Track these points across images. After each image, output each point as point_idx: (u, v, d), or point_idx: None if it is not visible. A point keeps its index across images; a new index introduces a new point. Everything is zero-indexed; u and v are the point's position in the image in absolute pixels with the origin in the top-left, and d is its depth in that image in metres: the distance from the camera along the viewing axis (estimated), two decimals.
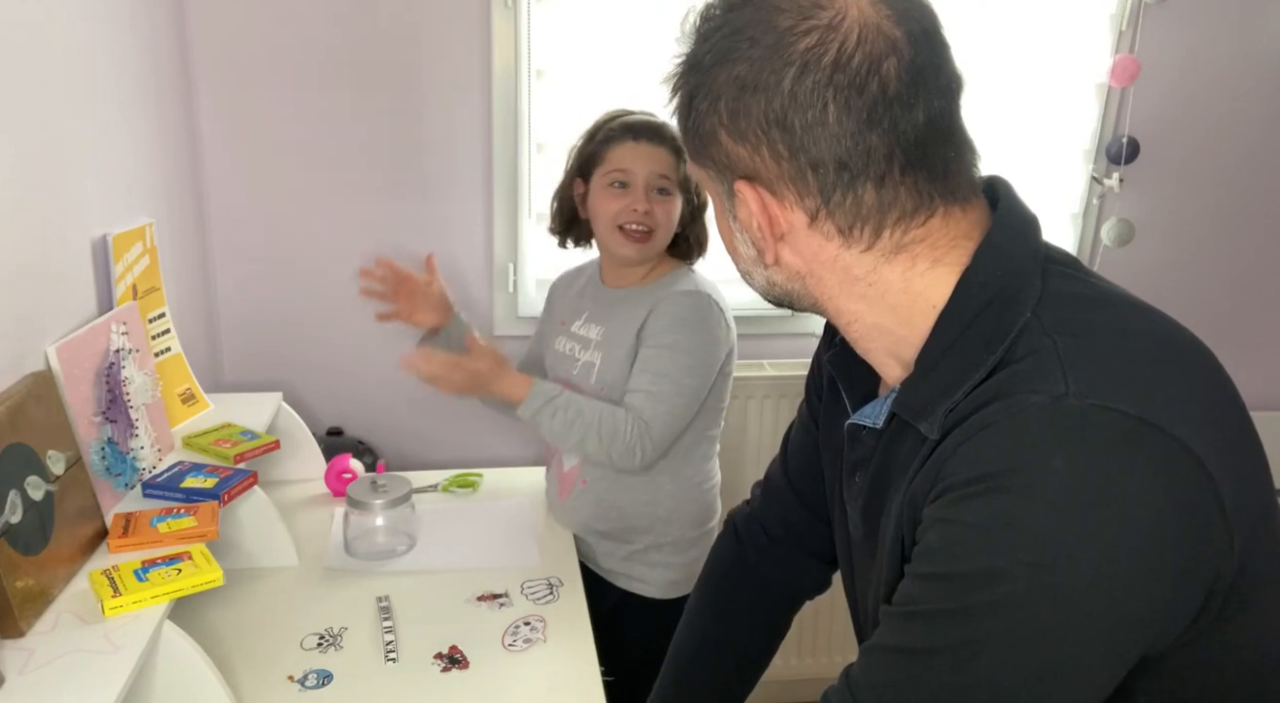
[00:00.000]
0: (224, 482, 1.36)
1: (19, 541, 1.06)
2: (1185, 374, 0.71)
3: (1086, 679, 0.66)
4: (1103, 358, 0.68)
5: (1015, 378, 0.68)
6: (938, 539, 0.68)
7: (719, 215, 0.81)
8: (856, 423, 0.84)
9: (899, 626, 0.71)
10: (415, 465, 2.02)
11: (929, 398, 0.72)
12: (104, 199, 1.47)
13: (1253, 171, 2.20)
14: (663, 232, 1.50)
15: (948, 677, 0.67)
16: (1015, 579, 0.63)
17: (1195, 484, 0.64)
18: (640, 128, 1.50)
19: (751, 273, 0.82)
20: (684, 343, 1.47)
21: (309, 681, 1.23)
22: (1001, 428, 0.66)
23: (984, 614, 0.65)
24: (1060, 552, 0.63)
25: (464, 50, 1.93)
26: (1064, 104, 2.09)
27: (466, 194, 2.01)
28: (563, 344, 1.63)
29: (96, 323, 1.35)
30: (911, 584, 0.70)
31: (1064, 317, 0.71)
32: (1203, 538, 0.64)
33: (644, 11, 1.91)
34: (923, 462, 0.73)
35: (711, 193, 0.80)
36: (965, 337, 0.72)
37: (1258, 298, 2.28)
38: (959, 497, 0.67)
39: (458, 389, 1.47)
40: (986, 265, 0.73)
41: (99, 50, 1.48)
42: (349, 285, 2.03)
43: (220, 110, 1.90)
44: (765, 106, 0.70)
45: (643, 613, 1.56)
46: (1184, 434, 0.64)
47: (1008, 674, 0.65)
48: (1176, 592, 0.65)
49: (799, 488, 1.08)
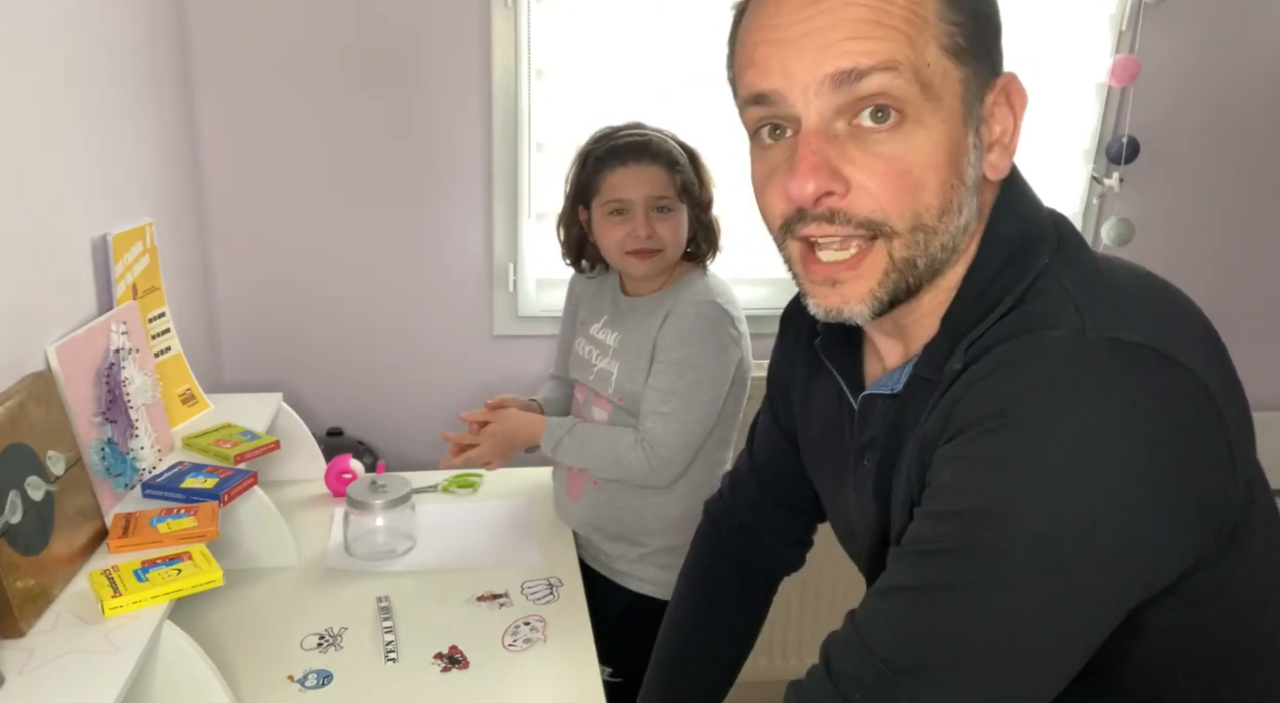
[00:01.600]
0: (224, 482, 1.36)
1: (19, 541, 1.06)
2: (1185, 316, 0.72)
3: (1099, 610, 0.66)
4: (1112, 295, 0.69)
5: (1030, 316, 0.68)
6: (951, 476, 0.67)
7: (952, 131, 0.69)
8: (873, 394, 0.82)
9: (908, 565, 0.69)
10: (415, 465, 2.01)
11: (949, 347, 0.72)
12: (104, 199, 1.47)
13: (1253, 171, 2.20)
14: (672, 247, 1.50)
15: (960, 613, 0.66)
16: (1031, 514, 0.63)
17: (1208, 418, 0.64)
18: (627, 151, 1.48)
19: (962, 206, 0.71)
20: (692, 357, 1.46)
21: (309, 681, 1.23)
22: (1019, 364, 0.66)
23: (999, 550, 0.64)
24: (1078, 485, 0.62)
25: (464, 50, 1.93)
26: (1064, 104, 2.09)
27: (466, 194, 2.01)
28: (581, 347, 1.64)
29: (96, 323, 1.35)
30: (922, 523, 0.69)
31: (1072, 263, 0.71)
32: (1214, 470, 0.65)
33: (644, 11, 1.91)
34: (932, 407, 0.72)
35: (951, 98, 0.69)
36: (988, 292, 0.72)
37: (1258, 298, 2.28)
38: (975, 434, 0.66)
39: (500, 455, 1.56)
40: (1005, 221, 0.74)
41: (99, 50, 1.48)
42: (349, 285, 2.04)
43: (220, 110, 1.90)
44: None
45: (654, 615, 1.55)
46: (1195, 366, 0.64)
47: (1022, 608, 0.65)
48: (1190, 522, 0.65)
49: (764, 478, 1.10)
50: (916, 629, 0.68)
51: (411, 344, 2.09)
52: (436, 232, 2.03)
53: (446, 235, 2.03)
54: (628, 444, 1.47)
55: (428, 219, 2.02)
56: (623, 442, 1.48)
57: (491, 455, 1.56)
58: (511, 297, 2.07)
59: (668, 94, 1.93)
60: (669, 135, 1.52)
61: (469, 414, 1.60)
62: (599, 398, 1.58)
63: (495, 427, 1.56)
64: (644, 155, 1.48)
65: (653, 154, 1.48)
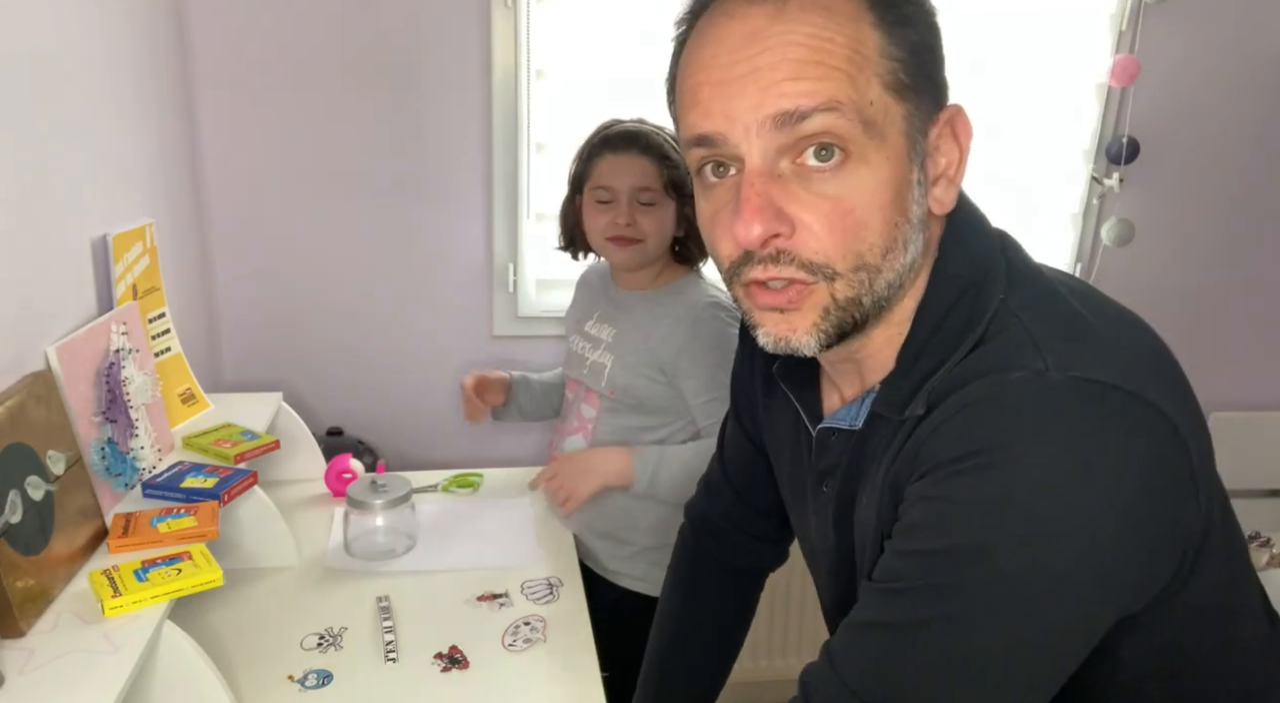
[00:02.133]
0: (224, 482, 1.36)
1: (19, 541, 1.06)
2: (1139, 340, 0.72)
3: (1072, 643, 0.67)
4: (1070, 331, 0.69)
5: (992, 356, 0.69)
6: (923, 516, 0.68)
7: (895, 170, 0.68)
8: (827, 428, 0.83)
9: (883, 601, 0.70)
10: (415, 465, 2.02)
11: (911, 388, 0.72)
12: (104, 199, 1.47)
13: (1253, 171, 2.20)
14: (652, 239, 1.51)
15: (935, 650, 0.67)
16: (1006, 553, 0.64)
17: (1173, 449, 0.65)
18: (616, 140, 1.51)
19: (904, 247, 0.70)
20: (714, 340, 1.49)
21: (309, 681, 1.23)
22: (986, 405, 0.66)
23: (975, 589, 0.65)
24: (1050, 525, 0.63)
25: (464, 50, 1.93)
26: (1064, 104, 2.09)
27: (466, 194, 2.01)
28: (576, 342, 1.65)
29: (96, 323, 1.35)
30: (896, 560, 0.70)
31: (1028, 297, 0.72)
32: (1180, 500, 0.66)
33: (644, 12, 1.91)
34: (900, 446, 0.72)
35: (895, 135, 0.68)
36: (941, 329, 0.72)
37: (1258, 298, 2.28)
38: (946, 474, 0.66)
39: (586, 489, 1.50)
40: (954, 257, 0.73)
41: (99, 50, 1.48)
42: (349, 285, 2.04)
43: (220, 110, 1.90)
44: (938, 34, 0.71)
45: (641, 610, 1.56)
46: (1157, 399, 0.65)
47: (997, 645, 0.66)
48: (1158, 554, 0.67)
49: (737, 485, 1.11)
50: (892, 665, 0.69)
51: (411, 344, 2.09)
52: (436, 232, 2.03)
53: (446, 235, 2.03)
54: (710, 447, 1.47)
55: (428, 219, 2.02)
56: (705, 449, 1.43)
57: (572, 487, 1.48)
58: (511, 297, 2.07)
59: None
60: (669, 134, 1.53)
61: (535, 481, 1.57)
62: (589, 394, 1.59)
63: (558, 466, 1.51)
64: (633, 145, 1.50)
65: (642, 145, 1.50)
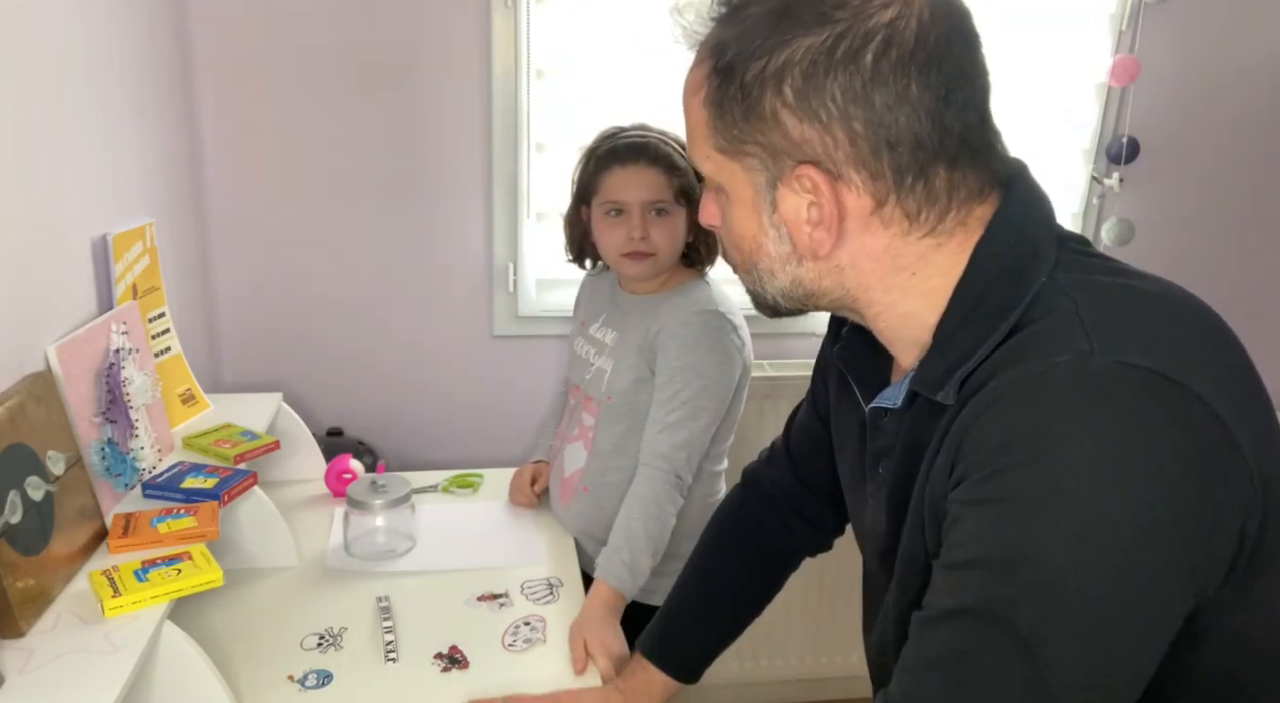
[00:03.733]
0: (224, 482, 1.36)
1: (19, 541, 1.06)
2: (1201, 335, 0.70)
3: (1144, 642, 0.65)
4: (1121, 316, 0.68)
5: (1035, 339, 0.67)
6: (974, 523, 0.66)
7: (744, 213, 0.76)
8: (878, 406, 0.83)
9: (932, 633, 0.67)
10: (415, 465, 2.01)
11: (946, 369, 0.71)
12: (104, 199, 1.47)
13: (1253, 171, 2.20)
14: (666, 251, 1.50)
15: (999, 679, 0.63)
16: (1061, 552, 0.62)
17: (1220, 438, 0.64)
18: (626, 152, 1.48)
19: (774, 273, 0.78)
20: (697, 365, 1.46)
21: (309, 681, 1.23)
22: (1026, 392, 0.65)
23: (1033, 595, 0.62)
24: (1101, 516, 0.61)
25: (464, 50, 1.93)
26: (1064, 104, 2.09)
27: (466, 194, 2.01)
28: (580, 347, 1.64)
29: (96, 323, 1.35)
30: (946, 577, 0.68)
31: (1080, 279, 0.70)
32: (1229, 481, 0.64)
33: (644, 11, 1.91)
34: (942, 435, 0.71)
35: (739, 186, 0.75)
36: (980, 306, 0.71)
37: (1258, 298, 2.28)
38: (986, 474, 0.65)
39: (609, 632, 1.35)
40: (999, 236, 0.73)
41: (99, 50, 1.48)
42: (349, 285, 2.04)
43: (220, 110, 1.90)
44: (845, 83, 0.67)
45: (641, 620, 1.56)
46: (1204, 389, 0.64)
47: (1065, 657, 0.62)
48: (1213, 536, 0.64)
49: (797, 463, 1.12)
50: (965, 695, 0.65)
51: (412, 344, 2.09)
52: (436, 231, 2.03)
53: (446, 235, 2.03)
54: (654, 498, 1.44)
55: (428, 219, 2.02)
56: (650, 504, 1.44)
57: (601, 643, 1.32)
58: (511, 297, 2.07)
59: (668, 95, 1.92)
60: (672, 137, 1.52)
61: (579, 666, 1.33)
62: (589, 401, 1.58)
63: (575, 635, 1.35)
64: (642, 157, 1.48)
65: (651, 156, 1.47)
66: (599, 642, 1.30)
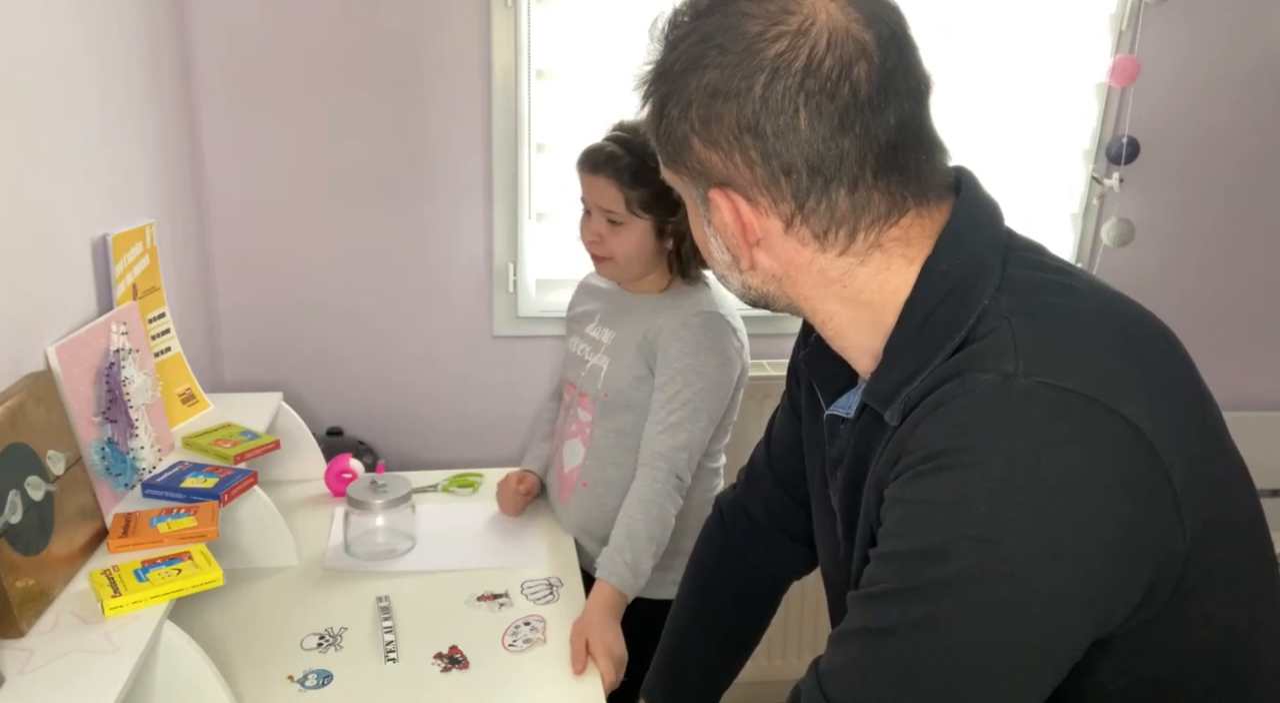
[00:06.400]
0: (224, 482, 1.36)
1: (19, 541, 1.06)
2: (1138, 355, 0.72)
3: (1040, 657, 0.68)
4: (1055, 337, 0.70)
5: (970, 357, 0.70)
6: (894, 519, 0.70)
7: (694, 221, 0.81)
8: (834, 415, 0.86)
9: (859, 609, 0.72)
10: (415, 465, 2.02)
11: (894, 384, 0.74)
12: (104, 199, 1.47)
13: (1253, 171, 2.20)
14: (623, 257, 1.49)
15: (905, 656, 0.68)
16: (965, 555, 0.65)
17: (1143, 463, 0.65)
18: (584, 158, 1.48)
19: (727, 277, 0.83)
20: (698, 366, 1.47)
21: (309, 681, 1.23)
22: (953, 406, 0.68)
23: (936, 592, 0.66)
24: (1008, 528, 0.64)
25: (464, 50, 1.93)
26: (1064, 104, 2.08)
27: (466, 194, 2.01)
28: (576, 345, 1.64)
29: (96, 323, 1.35)
30: (872, 566, 0.72)
31: (1021, 300, 0.72)
32: (1149, 515, 0.66)
33: (644, 12, 1.89)
34: (885, 444, 0.74)
35: (687, 199, 0.81)
36: (928, 323, 0.73)
37: (1258, 298, 2.28)
38: (913, 475, 0.68)
39: (610, 634, 1.35)
40: (947, 254, 0.74)
41: (99, 50, 1.48)
42: (349, 286, 2.04)
43: (220, 110, 1.90)
44: (737, 113, 0.71)
45: (645, 615, 1.56)
46: (1131, 413, 0.65)
47: (962, 652, 0.67)
48: (1124, 569, 0.66)
49: (780, 472, 1.11)
50: (867, 673, 0.71)
51: (412, 344, 2.09)
52: (437, 232, 2.03)
53: (446, 235, 2.03)
54: (655, 499, 1.45)
55: (428, 219, 2.02)
56: (651, 504, 1.45)
57: (604, 644, 1.33)
58: (511, 297, 2.07)
59: None
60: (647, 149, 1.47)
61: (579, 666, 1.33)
62: (584, 398, 1.58)
63: (576, 635, 1.35)
64: (594, 166, 1.46)
65: (607, 169, 1.44)
66: (600, 642, 1.31)
